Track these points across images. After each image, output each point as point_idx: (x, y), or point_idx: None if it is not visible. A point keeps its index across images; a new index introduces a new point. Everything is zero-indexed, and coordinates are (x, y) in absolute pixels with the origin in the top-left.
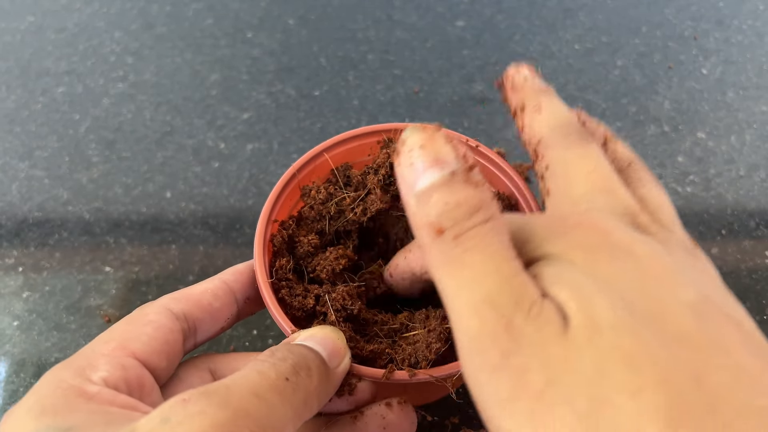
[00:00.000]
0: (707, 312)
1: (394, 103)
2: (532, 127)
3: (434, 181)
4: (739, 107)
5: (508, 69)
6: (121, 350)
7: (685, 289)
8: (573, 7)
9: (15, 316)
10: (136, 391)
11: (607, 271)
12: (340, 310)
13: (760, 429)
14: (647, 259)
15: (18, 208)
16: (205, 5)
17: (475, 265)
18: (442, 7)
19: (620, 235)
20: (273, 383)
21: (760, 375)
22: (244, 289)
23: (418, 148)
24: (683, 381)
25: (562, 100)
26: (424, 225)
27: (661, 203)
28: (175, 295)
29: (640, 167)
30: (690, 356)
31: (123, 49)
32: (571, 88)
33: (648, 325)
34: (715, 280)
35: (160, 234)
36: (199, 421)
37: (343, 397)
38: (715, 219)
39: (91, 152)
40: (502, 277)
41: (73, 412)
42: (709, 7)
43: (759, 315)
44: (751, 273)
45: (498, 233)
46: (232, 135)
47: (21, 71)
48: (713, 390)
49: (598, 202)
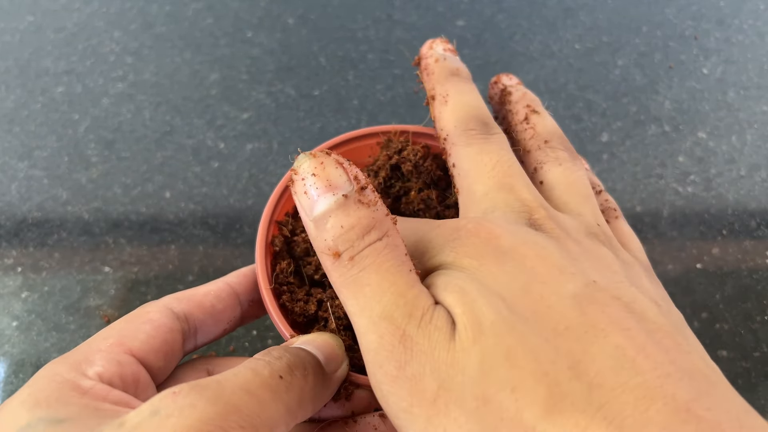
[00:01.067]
0: (591, 299)
1: (394, 103)
2: (440, 120)
3: (328, 207)
4: (740, 107)
5: (422, 47)
6: (118, 346)
7: (570, 281)
8: (573, 7)
9: (14, 317)
10: (131, 388)
11: (493, 274)
12: (342, 318)
13: (635, 405)
14: (533, 258)
15: (17, 208)
16: (204, 5)
17: (371, 283)
18: (442, 7)
19: (508, 239)
20: (266, 381)
21: (635, 354)
22: (248, 292)
23: (310, 175)
24: (561, 370)
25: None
26: (323, 249)
27: (572, 181)
28: (178, 295)
29: (557, 143)
30: (569, 346)
31: (122, 49)
32: (571, 87)
33: (529, 322)
34: (610, 263)
35: (160, 234)
36: (189, 414)
37: (339, 402)
38: (716, 219)
39: (90, 152)
40: (398, 292)
41: (66, 405)
42: (710, 7)
43: (760, 315)
44: (752, 273)
45: (392, 249)
46: (231, 135)
47: (20, 71)
48: (590, 375)
49: (497, 200)
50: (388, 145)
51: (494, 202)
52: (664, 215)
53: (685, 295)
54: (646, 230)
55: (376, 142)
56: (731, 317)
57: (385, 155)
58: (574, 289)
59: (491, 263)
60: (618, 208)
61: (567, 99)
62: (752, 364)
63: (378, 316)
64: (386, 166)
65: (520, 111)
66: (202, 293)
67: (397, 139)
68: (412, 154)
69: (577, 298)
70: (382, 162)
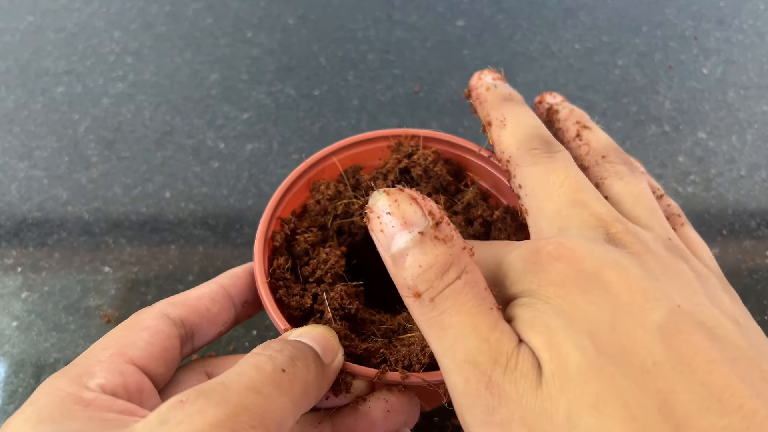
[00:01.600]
0: (676, 328)
1: (394, 103)
2: (500, 144)
3: (406, 244)
4: (740, 107)
5: (471, 79)
6: (118, 356)
7: (655, 309)
8: (573, 7)
9: (14, 317)
10: (135, 397)
11: (579, 307)
12: (338, 309)
13: None
14: (617, 284)
15: (17, 208)
16: (204, 5)
17: (453, 326)
18: (442, 7)
19: (591, 262)
20: (270, 376)
21: (721, 392)
22: (242, 293)
23: (385, 213)
24: (650, 413)
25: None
26: (403, 287)
27: (637, 194)
28: (172, 300)
29: (615, 157)
30: (657, 385)
31: (122, 49)
32: (571, 87)
33: (616, 360)
34: (690, 281)
35: (160, 234)
36: (199, 420)
37: (341, 395)
38: (716, 219)
39: (90, 152)
40: (480, 335)
41: (70, 419)
42: (710, 7)
43: (760, 315)
44: (752, 273)
45: (472, 287)
46: (231, 135)
47: (20, 71)
48: (678, 416)
49: (571, 217)
50: (399, 148)
51: (568, 220)
52: None
53: None
54: None
55: (386, 146)
56: None
57: (394, 158)
58: (660, 318)
59: (576, 293)
60: (682, 213)
61: (567, 99)
62: None
63: (462, 360)
64: (395, 169)
65: (570, 128)
66: (195, 297)
67: (407, 143)
68: (422, 159)
69: (662, 330)
70: (392, 165)
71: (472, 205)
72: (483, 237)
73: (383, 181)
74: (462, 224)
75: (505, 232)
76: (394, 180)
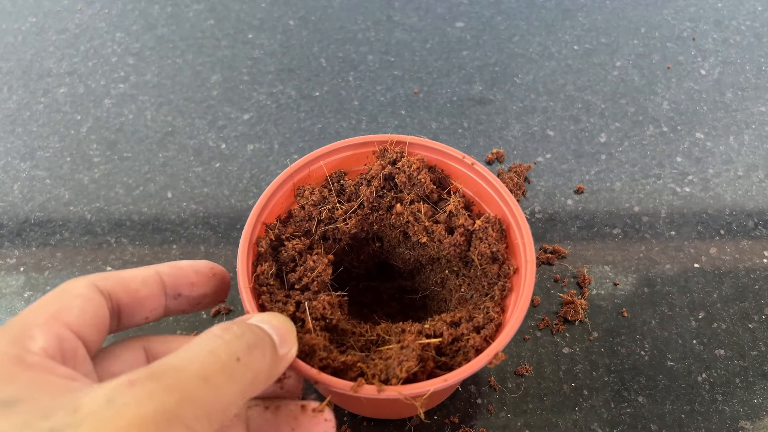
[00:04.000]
0: None
1: (394, 103)
2: None
3: None
4: (738, 108)
5: None
6: (55, 320)
7: None
8: (572, 8)
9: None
10: (70, 362)
11: None
12: (319, 319)
13: None
14: None
15: (20, 208)
16: (206, 6)
17: None
18: (441, 8)
19: None
20: (223, 364)
21: None
22: (177, 286)
23: None
24: None
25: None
26: None
27: None
28: (103, 274)
29: None
30: None
31: (124, 50)
32: (570, 88)
33: None
34: None
35: (162, 234)
36: (146, 404)
37: (276, 384)
38: (714, 219)
39: (92, 152)
40: None
41: (11, 381)
42: (708, 8)
43: (758, 315)
44: (750, 273)
45: None
46: (233, 135)
47: (23, 72)
48: None
49: None
50: (384, 154)
51: None
52: (662, 215)
53: (682, 295)
54: (644, 230)
55: (372, 151)
56: (729, 316)
57: (379, 164)
58: None
59: None
60: None
61: (565, 100)
62: (749, 363)
63: None
64: (380, 175)
65: None
66: (128, 276)
67: (392, 150)
68: (407, 166)
69: None
70: (376, 171)
71: (453, 215)
72: (464, 247)
73: (366, 187)
74: (443, 233)
75: (485, 242)
76: (377, 186)
